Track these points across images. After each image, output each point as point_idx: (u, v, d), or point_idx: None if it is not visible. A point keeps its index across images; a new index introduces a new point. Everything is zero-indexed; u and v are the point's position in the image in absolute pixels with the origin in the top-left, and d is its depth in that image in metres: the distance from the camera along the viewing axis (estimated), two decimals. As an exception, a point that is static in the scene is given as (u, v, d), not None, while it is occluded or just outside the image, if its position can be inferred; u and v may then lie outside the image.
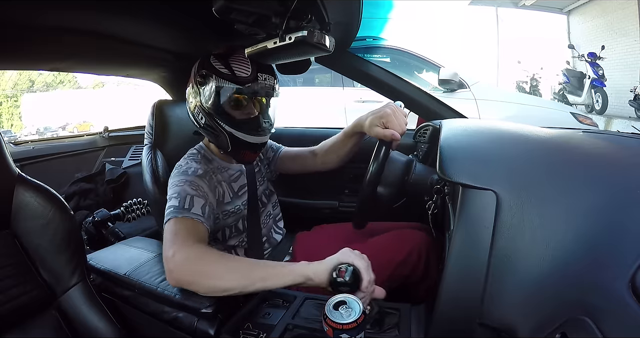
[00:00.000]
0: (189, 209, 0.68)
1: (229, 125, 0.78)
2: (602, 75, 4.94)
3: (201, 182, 0.75)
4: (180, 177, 0.75)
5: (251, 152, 0.84)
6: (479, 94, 2.75)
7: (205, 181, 0.77)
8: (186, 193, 0.71)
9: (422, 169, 0.82)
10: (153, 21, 0.78)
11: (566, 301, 0.36)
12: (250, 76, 0.76)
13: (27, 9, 0.61)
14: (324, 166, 1.00)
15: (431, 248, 0.79)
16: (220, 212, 0.82)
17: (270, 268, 0.63)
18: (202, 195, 0.73)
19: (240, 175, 0.89)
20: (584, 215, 0.41)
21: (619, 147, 0.57)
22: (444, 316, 0.49)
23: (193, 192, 0.72)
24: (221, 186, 0.82)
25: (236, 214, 0.85)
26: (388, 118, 0.72)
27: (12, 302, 0.63)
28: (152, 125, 1.14)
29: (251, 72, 0.76)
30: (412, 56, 3.06)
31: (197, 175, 0.76)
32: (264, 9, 0.58)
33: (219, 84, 0.76)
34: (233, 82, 0.75)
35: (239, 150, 0.82)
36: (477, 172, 0.49)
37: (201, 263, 0.61)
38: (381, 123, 0.73)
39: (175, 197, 0.70)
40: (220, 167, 0.86)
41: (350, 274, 0.57)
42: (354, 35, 0.96)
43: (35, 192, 0.69)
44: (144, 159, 1.13)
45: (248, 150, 0.83)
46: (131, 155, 2.06)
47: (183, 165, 0.80)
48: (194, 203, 0.70)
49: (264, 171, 1.00)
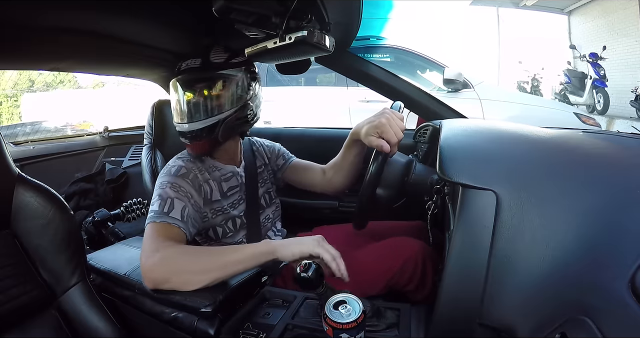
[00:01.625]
0: (168, 213, 0.71)
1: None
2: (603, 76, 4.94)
3: (183, 182, 0.77)
4: (163, 179, 0.78)
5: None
6: (482, 94, 2.75)
7: (187, 181, 0.78)
8: (167, 196, 0.73)
9: (422, 169, 0.81)
10: (153, 21, 0.78)
11: (566, 301, 0.36)
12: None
13: (27, 9, 0.61)
14: (331, 185, 0.97)
15: (427, 256, 0.79)
16: (208, 210, 0.82)
17: (238, 253, 0.67)
18: (184, 196, 0.75)
19: (231, 177, 0.89)
20: (583, 215, 0.41)
21: (619, 147, 0.56)
22: (444, 316, 0.49)
23: (174, 195, 0.74)
24: (208, 184, 0.82)
25: (224, 214, 0.85)
26: (383, 128, 0.71)
27: (12, 302, 0.63)
28: (151, 125, 1.14)
29: None
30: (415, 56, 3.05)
31: (179, 174, 0.78)
32: (264, 9, 0.58)
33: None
34: None
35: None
36: (477, 172, 0.48)
37: (170, 262, 0.64)
38: (376, 133, 0.72)
39: (157, 201, 0.73)
40: (211, 166, 0.86)
41: (312, 271, 0.56)
42: (354, 35, 0.96)
43: (35, 192, 0.69)
44: (143, 158, 1.13)
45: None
46: (131, 155, 2.06)
47: (170, 165, 0.82)
48: (174, 206, 0.72)
49: (266, 175, 1.00)
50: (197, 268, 0.65)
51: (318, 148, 1.14)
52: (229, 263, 0.66)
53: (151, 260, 0.64)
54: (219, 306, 0.63)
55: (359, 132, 0.77)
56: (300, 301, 0.68)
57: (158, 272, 0.63)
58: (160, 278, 0.63)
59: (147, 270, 0.64)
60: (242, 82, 0.81)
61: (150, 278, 0.64)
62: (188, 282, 0.63)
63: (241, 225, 0.88)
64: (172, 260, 0.64)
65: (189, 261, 0.65)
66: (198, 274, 0.64)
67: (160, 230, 0.69)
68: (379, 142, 0.71)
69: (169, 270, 0.64)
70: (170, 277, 0.63)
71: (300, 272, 0.56)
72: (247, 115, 0.83)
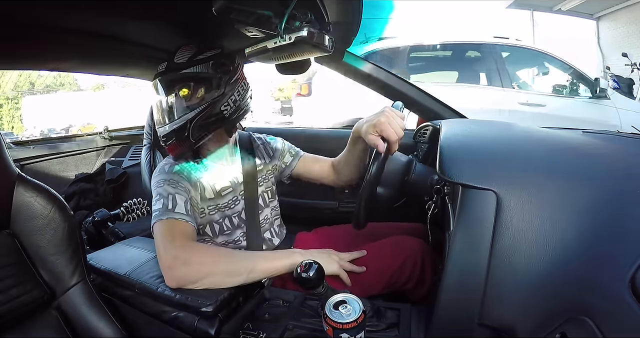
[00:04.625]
0: (173, 209, 0.72)
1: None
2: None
3: (179, 178, 0.78)
4: (159, 177, 0.78)
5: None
6: (618, 103, 2.84)
7: (183, 176, 0.79)
8: (167, 193, 0.74)
9: (422, 169, 0.82)
10: (153, 21, 0.78)
11: (566, 301, 0.36)
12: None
13: (28, 9, 0.61)
14: (339, 178, 0.99)
15: (427, 255, 0.79)
16: (205, 206, 0.82)
17: (267, 262, 0.70)
18: (183, 191, 0.76)
19: (224, 176, 0.88)
20: (583, 215, 0.41)
21: (619, 147, 0.57)
22: (444, 316, 0.49)
23: (173, 190, 0.74)
24: (201, 183, 0.82)
25: (220, 211, 0.85)
26: (382, 126, 0.71)
27: (12, 302, 0.63)
28: (151, 126, 1.14)
29: None
30: (536, 53, 3.09)
31: (174, 171, 0.79)
32: (264, 9, 0.58)
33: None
34: None
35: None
36: (477, 172, 0.48)
37: (197, 261, 0.66)
38: (375, 131, 0.71)
39: (158, 199, 0.73)
40: (204, 165, 0.86)
41: (313, 271, 0.56)
42: (354, 35, 0.96)
43: (35, 191, 0.69)
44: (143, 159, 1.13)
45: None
46: (131, 155, 2.07)
47: (163, 163, 0.83)
48: (177, 202, 0.73)
49: (266, 173, 0.98)
50: (229, 270, 0.67)
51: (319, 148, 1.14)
52: (257, 269, 0.68)
53: (178, 260, 0.65)
54: (219, 306, 0.63)
55: (360, 130, 0.77)
56: (300, 301, 0.68)
57: (189, 273, 0.65)
58: (192, 278, 0.65)
59: (169, 273, 0.65)
60: (210, 79, 0.79)
61: (174, 281, 0.65)
62: (219, 284, 0.65)
63: (239, 224, 0.88)
64: (203, 261, 0.66)
65: (222, 262, 0.67)
66: (229, 276, 0.66)
67: (171, 227, 0.70)
68: (376, 141, 0.71)
69: (200, 270, 0.65)
70: (201, 278, 0.65)
71: (300, 272, 0.56)
72: (222, 111, 0.79)
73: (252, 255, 0.74)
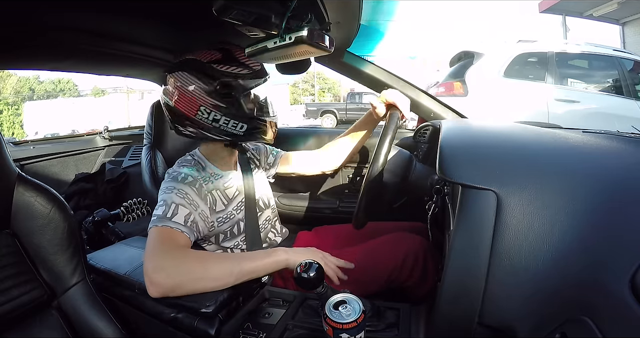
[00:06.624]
0: (171, 218, 0.69)
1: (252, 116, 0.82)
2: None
3: (189, 190, 0.76)
4: (169, 184, 0.77)
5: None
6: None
7: (194, 189, 0.77)
8: (172, 201, 0.72)
9: (422, 169, 0.82)
10: (153, 21, 0.78)
11: (566, 301, 0.36)
12: (262, 68, 0.82)
13: (28, 9, 0.61)
14: (328, 160, 1.05)
15: (428, 251, 0.79)
16: (215, 220, 0.81)
17: (254, 262, 0.69)
18: (189, 204, 0.74)
19: (232, 181, 0.89)
20: (584, 215, 0.41)
21: (619, 147, 0.57)
22: (444, 316, 0.49)
23: (179, 201, 0.73)
24: (212, 195, 0.81)
25: (230, 220, 0.85)
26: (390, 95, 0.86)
27: (12, 302, 0.63)
28: (151, 126, 1.14)
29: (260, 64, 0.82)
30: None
31: (186, 182, 0.77)
32: (264, 9, 0.58)
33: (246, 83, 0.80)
34: (258, 77, 0.80)
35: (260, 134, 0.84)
36: (477, 172, 0.48)
37: (179, 270, 0.62)
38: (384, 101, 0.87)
39: (161, 205, 0.72)
40: (213, 174, 0.85)
41: (313, 271, 0.56)
42: (354, 35, 0.96)
43: (35, 191, 0.69)
44: (143, 159, 1.13)
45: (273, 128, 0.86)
46: (131, 155, 2.07)
47: (174, 171, 0.81)
48: (177, 212, 0.71)
49: (261, 177, 0.99)
50: (213, 275, 0.64)
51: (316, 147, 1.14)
52: (244, 271, 0.67)
53: (153, 270, 0.61)
54: (219, 306, 0.63)
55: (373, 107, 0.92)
56: (300, 301, 0.68)
57: (162, 284, 0.60)
58: (171, 286, 0.61)
59: (151, 282, 0.60)
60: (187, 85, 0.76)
61: (155, 291, 0.61)
62: (202, 288, 0.63)
63: (240, 230, 0.88)
64: (184, 268, 0.63)
65: (204, 267, 0.64)
66: (213, 281, 0.64)
67: (164, 234, 0.68)
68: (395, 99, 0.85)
69: (180, 278, 0.62)
70: (183, 284, 0.62)
71: (300, 272, 0.56)
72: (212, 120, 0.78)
73: (237, 256, 0.72)
